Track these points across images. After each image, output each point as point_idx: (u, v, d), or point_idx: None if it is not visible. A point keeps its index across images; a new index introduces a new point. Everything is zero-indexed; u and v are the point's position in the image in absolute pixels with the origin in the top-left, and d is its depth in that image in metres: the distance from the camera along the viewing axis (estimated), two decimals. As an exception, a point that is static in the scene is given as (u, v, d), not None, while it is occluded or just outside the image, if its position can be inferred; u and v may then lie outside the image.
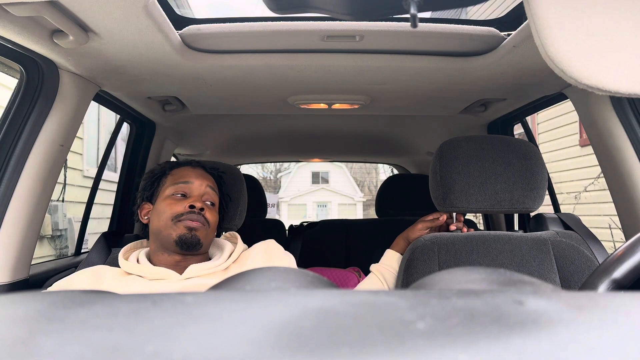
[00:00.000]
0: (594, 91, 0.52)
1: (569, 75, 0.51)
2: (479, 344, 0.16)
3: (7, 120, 1.12)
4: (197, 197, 1.17)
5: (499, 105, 1.64)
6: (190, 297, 0.21)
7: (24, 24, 0.90)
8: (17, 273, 1.14)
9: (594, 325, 0.18)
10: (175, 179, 1.20)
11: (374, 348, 0.16)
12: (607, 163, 1.28)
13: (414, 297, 0.21)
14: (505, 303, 0.20)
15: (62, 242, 4.20)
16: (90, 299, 0.21)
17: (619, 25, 0.51)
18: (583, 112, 1.33)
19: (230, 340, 0.17)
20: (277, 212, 8.61)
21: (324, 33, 1.08)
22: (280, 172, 21.54)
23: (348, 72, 1.30)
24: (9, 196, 1.10)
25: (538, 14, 0.51)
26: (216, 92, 1.48)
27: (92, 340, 0.17)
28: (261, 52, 1.19)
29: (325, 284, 0.30)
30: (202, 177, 1.21)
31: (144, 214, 1.22)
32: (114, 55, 1.11)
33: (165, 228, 1.12)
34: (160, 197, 1.18)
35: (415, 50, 1.19)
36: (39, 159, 1.13)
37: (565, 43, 0.50)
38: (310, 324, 0.18)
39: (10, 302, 0.22)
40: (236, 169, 1.42)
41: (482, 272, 0.29)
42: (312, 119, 2.02)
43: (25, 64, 1.11)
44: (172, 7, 1.11)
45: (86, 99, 1.26)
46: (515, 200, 1.15)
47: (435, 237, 1.19)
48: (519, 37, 1.07)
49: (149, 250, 1.20)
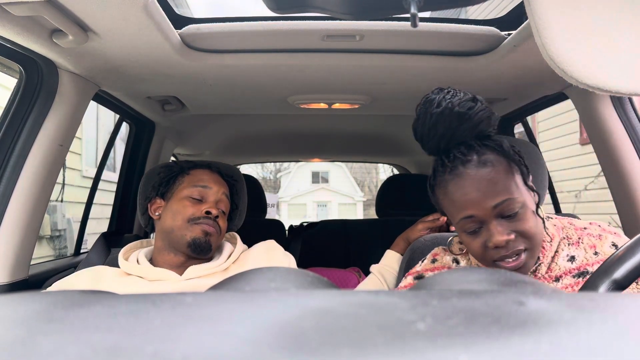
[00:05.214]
0: (594, 91, 0.52)
1: (570, 75, 0.51)
2: (479, 345, 0.16)
3: (6, 120, 1.12)
4: (212, 203, 1.17)
5: (500, 105, 1.64)
6: (190, 298, 0.21)
7: (23, 24, 0.90)
8: (17, 273, 1.14)
9: (594, 326, 0.17)
10: (194, 181, 1.19)
11: (374, 348, 0.16)
12: (608, 162, 1.28)
13: (414, 297, 0.21)
14: (506, 303, 0.20)
15: (61, 243, 4.20)
16: (90, 299, 0.21)
17: (620, 26, 0.51)
18: (584, 111, 1.33)
19: (230, 341, 0.17)
20: (277, 212, 8.61)
21: (324, 33, 1.08)
22: (280, 172, 21.55)
23: (348, 72, 1.30)
24: (8, 196, 1.10)
25: (539, 14, 0.51)
26: (216, 91, 1.48)
27: (91, 340, 0.17)
28: (261, 51, 1.19)
29: (325, 284, 0.30)
30: (219, 184, 1.22)
31: (154, 208, 1.21)
32: (113, 55, 1.11)
33: (179, 228, 1.12)
34: (176, 196, 1.18)
35: (416, 50, 1.19)
36: (38, 159, 1.13)
37: (566, 43, 0.50)
38: (310, 324, 0.18)
39: (9, 302, 0.22)
40: (236, 169, 1.42)
41: (483, 272, 0.29)
42: (312, 118, 2.02)
43: (24, 64, 1.11)
44: (172, 6, 1.11)
45: (85, 98, 1.26)
46: (515, 200, 1.15)
47: (436, 237, 1.19)
48: (519, 36, 1.07)
49: (153, 249, 1.20)
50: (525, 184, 0.85)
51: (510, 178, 0.83)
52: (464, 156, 0.84)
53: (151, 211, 1.21)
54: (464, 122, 0.83)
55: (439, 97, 0.85)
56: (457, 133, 0.85)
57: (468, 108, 0.83)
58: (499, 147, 0.84)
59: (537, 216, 0.84)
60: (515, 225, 0.82)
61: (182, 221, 1.13)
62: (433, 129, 0.86)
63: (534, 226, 0.83)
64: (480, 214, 0.83)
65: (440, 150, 0.88)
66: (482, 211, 0.82)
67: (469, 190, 0.83)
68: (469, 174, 0.83)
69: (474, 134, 0.85)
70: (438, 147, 0.88)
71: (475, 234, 0.85)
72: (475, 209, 0.82)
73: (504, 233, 0.82)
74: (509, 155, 0.84)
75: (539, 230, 0.84)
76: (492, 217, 0.82)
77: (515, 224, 0.82)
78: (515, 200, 0.81)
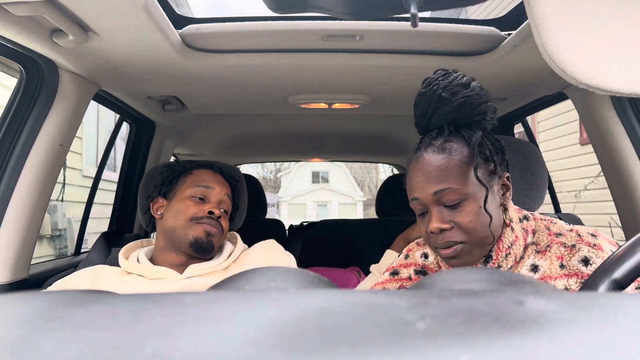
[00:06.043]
0: (594, 91, 0.52)
1: (570, 74, 0.51)
2: (479, 344, 0.16)
3: (6, 119, 1.12)
4: (215, 204, 1.18)
5: (499, 105, 1.64)
6: (190, 297, 0.21)
7: (23, 24, 0.90)
8: (17, 273, 1.14)
9: (594, 326, 0.17)
10: (197, 181, 1.19)
11: (374, 348, 0.16)
12: (608, 162, 1.28)
13: (414, 297, 0.21)
14: (506, 303, 0.20)
15: (61, 242, 4.20)
16: (90, 299, 0.21)
17: (620, 26, 0.51)
18: (583, 111, 1.33)
19: (230, 340, 0.17)
20: (277, 212, 8.61)
21: (324, 32, 1.08)
22: (280, 172, 21.55)
23: (348, 72, 1.30)
24: (9, 196, 1.10)
25: (538, 14, 0.51)
26: (216, 91, 1.48)
27: (91, 340, 0.17)
28: (261, 51, 1.19)
29: (325, 284, 0.30)
30: (222, 184, 1.22)
31: (156, 208, 1.21)
32: (113, 55, 1.11)
33: (181, 228, 1.12)
34: (179, 195, 1.18)
35: (416, 49, 1.19)
36: (39, 159, 1.13)
37: (565, 43, 0.50)
38: (310, 324, 0.18)
39: (9, 301, 0.22)
40: (237, 170, 1.42)
41: (483, 272, 0.29)
42: (312, 118, 2.02)
43: (25, 64, 1.11)
44: (172, 6, 1.11)
45: (86, 98, 1.26)
46: (516, 200, 1.15)
47: (435, 236, 1.19)
48: (519, 36, 1.07)
49: (153, 248, 1.20)
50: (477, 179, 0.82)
51: (462, 169, 0.82)
52: (431, 140, 0.85)
53: (153, 210, 1.21)
54: (443, 106, 0.83)
55: (432, 78, 0.86)
56: (435, 116, 0.85)
57: (452, 93, 0.82)
58: (468, 137, 0.84)
59: (485, 213, 0.82)
60: (454, 215, 0.82)
61: (184, 220, 1.13)
62: (415, 108, 0.88)
63: (474, 221, 0.81)
64: (423, 198, 0.84)
65: (422, 130, 0.90)
66: (425, 195, 0.84)
67: (417, 174, 0.85)
68: (424, 158, 0.84)
69: (451, 119, 0.85)
70: (420, 127, 0.89)
71: (423, 217, 0.87)
72: (419, 192, 0.84)
73: (440, 221, 0.83)
74: (475, 147, 0.82)
75: (482, 227, 0.82)
76: (434, 204, 0.84)
77: (454, 214, 0.82)
78: (456, 190, 0.81)
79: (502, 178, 0.87)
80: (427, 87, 0.85)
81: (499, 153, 0.88)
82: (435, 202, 0.83)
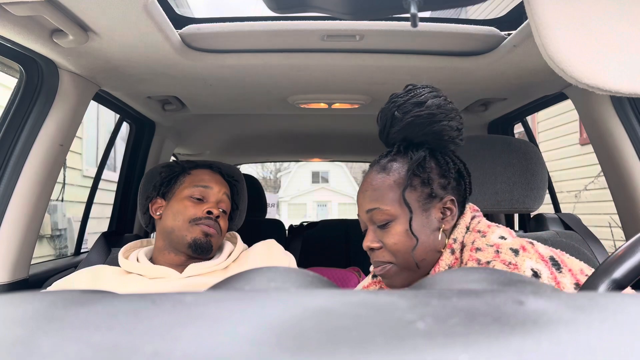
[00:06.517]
0: (594, 91, 0.52)
1: (570, 74, 0.51)
2: (479, 344, 0.16)
3: (6, 119, 1.12)
4: (214, 204, 1.17)
5: (499, 104, 1.64)
6: (190, 297, 0.21)
7: (23, 24, 0.90)
8: (17, 273, 1.14)
9: (594, 326, 0.17)
10: (195, 181, 1.19)
11: (374, 348, 0.16)
12: (608, 162, 1.28)
13: (414, 297, 0.21)
14: (506, 303, 0.20)
15: (61, 242, 4.20)
16: (90, 299, 0.21)
17: (620, 26, 0.51)
18: (583, 111, 1.33)
19: (230, 340, 0.17)
20: (277, 212, 8.61)
21: (324, 32, 1.08)
22: (280, 172, 21.55)
23: (348, 72, 1.30)
24: (9, 196, 1.10)
25: (538, 14, 0.51)
26: (216, 91, 1.48)
27: (91, 340, 0.17)
28: (261, 51, 1.19)
29: (325, 284, 0.30)
30: (221, 184, 1.22)
31: (155, 208, 1.21)
32: (113, 55, 1.11)
33: (180, 229, 1.12)
34: (177, 196, 1.18)
35: (416, 49, 1.19)
36: (39, 159, 1.13)
37: (565, 43, 0.50)
38: (310, 324, 0.18)
39: (9, 301, 0.22)
40: (237, 170, 1.42)
41: (483, 272, 0.29)
42: (312, 118, 2.02)
43: (24, 64, 1.11)
44: (172, 6, 1.11)
45: (86, 98, 1.26)
46: (516, 200, 1.15)
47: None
48: (519, 36, 1.07)
49: (153, 248, 1.20)
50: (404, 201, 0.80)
51: (393, 190, 0.82)
52: (381, 157, 0.87)
53: (152, 211, 1.21)
54: (395, 125, 0.84)
55: (394, 95, 0.86)
56: (391, 133, 0.86)
57: (404, 112, 0.82)
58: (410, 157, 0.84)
59: (411, 236, 0.80)
60: (382, 235, 0.83)
61: (182, 221, 1.13)
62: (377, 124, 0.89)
63: (399, 243, 0.81)
64: (361, 216, 0.86)
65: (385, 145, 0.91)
66: (361, 213, 0.86)
67: (359, 191, 0.87)
68: (367, 176, 0.86)
69: (401, 137, 0.85)
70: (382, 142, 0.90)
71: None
72: (359, 209, 0.87)
73: (369, 240, 0.84)
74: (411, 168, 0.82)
75: (406, 250, 0.81)
76: (369, 222, 0.85)
77: (382, 234, 0.83)
78: (383, 211, 0.81)
79: (443, 201, 0.84)
80: (388, 104, 0.86)
81: (445, 176, 0.84)
82: (369, 221, 0.85)
